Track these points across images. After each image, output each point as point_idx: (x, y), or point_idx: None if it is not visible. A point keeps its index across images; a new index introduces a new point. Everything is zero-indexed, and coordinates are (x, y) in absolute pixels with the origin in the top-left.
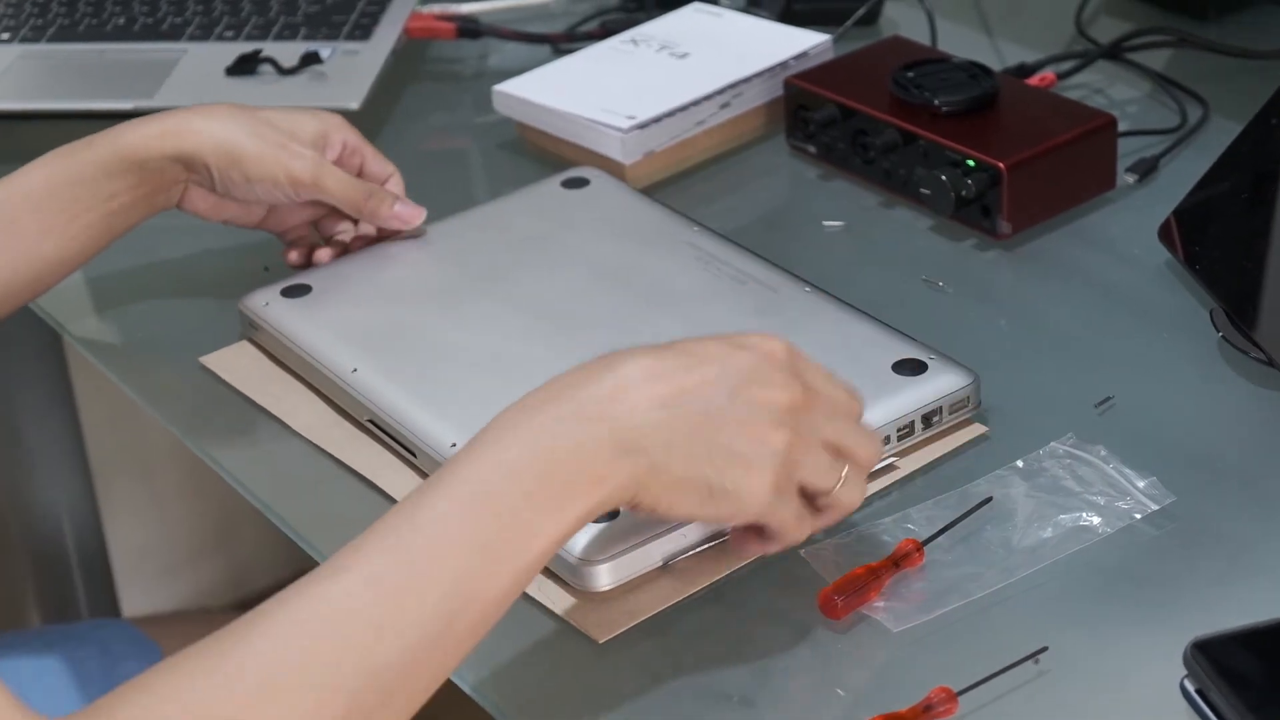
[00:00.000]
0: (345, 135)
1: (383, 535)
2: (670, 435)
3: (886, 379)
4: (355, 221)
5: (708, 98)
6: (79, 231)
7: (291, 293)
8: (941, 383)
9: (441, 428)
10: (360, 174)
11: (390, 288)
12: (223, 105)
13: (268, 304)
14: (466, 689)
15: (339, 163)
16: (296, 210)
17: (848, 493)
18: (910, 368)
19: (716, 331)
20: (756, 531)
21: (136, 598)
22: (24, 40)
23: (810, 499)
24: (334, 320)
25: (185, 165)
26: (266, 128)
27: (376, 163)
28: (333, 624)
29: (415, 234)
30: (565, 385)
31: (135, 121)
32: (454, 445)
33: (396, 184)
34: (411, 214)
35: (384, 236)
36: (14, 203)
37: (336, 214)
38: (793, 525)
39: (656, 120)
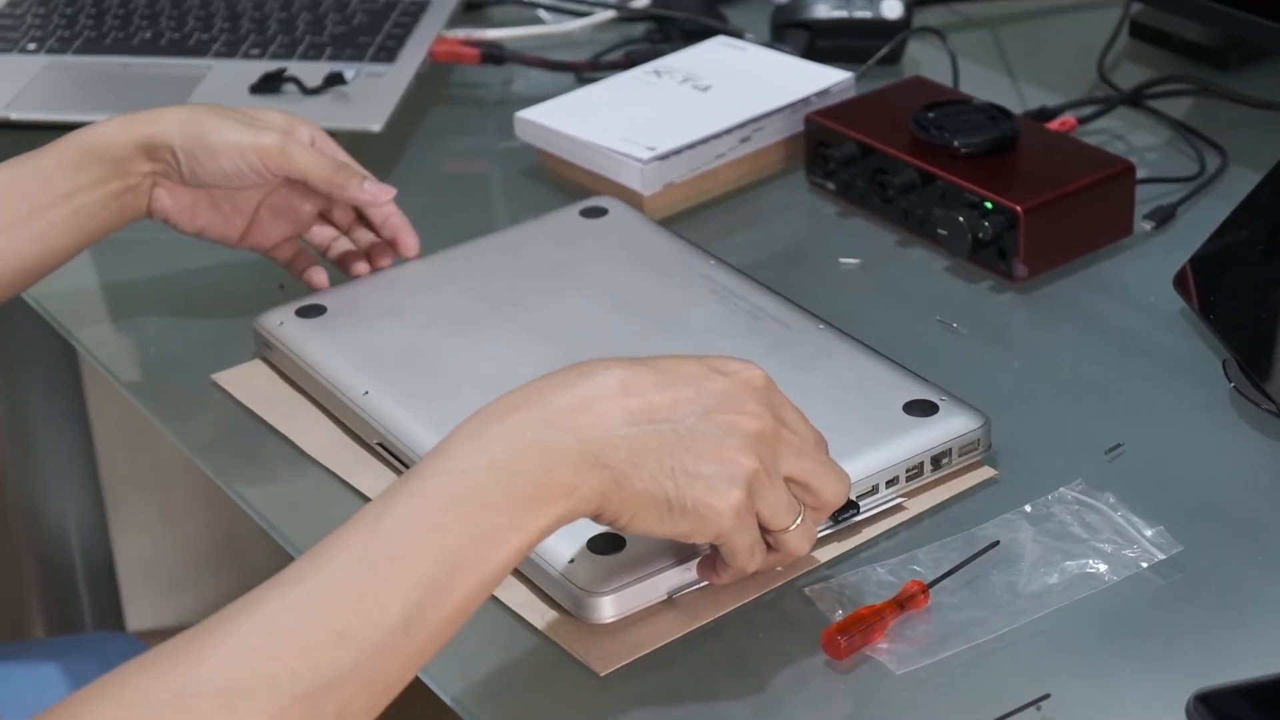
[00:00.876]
0: (314, 131)
1: (347, 542)
2: (638, 450)
3: (897, 419)
4: (343, 233)
5: (728, 131)
6: (41, 231)
7: (306, 313)
8: (952, 425)
9: None
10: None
11: (406, 311)
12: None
13: (282, 323)
14: (467, 719)
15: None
16: (275, 223)
17: (797, 538)
18: (921, 409)
19: None
20: (711, 560)
21: (142, 611)
22: (50, 51)
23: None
24: (348, 342)
25: (149, 154)
26: (232, 112)
27: (339, 162)
28: (293, 632)
29: (408, 258)
30: (536, 392)
31: (100, 120)
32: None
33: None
34: (380, 191)
35: (371, 252)
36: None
37: (320, 225)
38: (745, 553)
39: (677, 152)
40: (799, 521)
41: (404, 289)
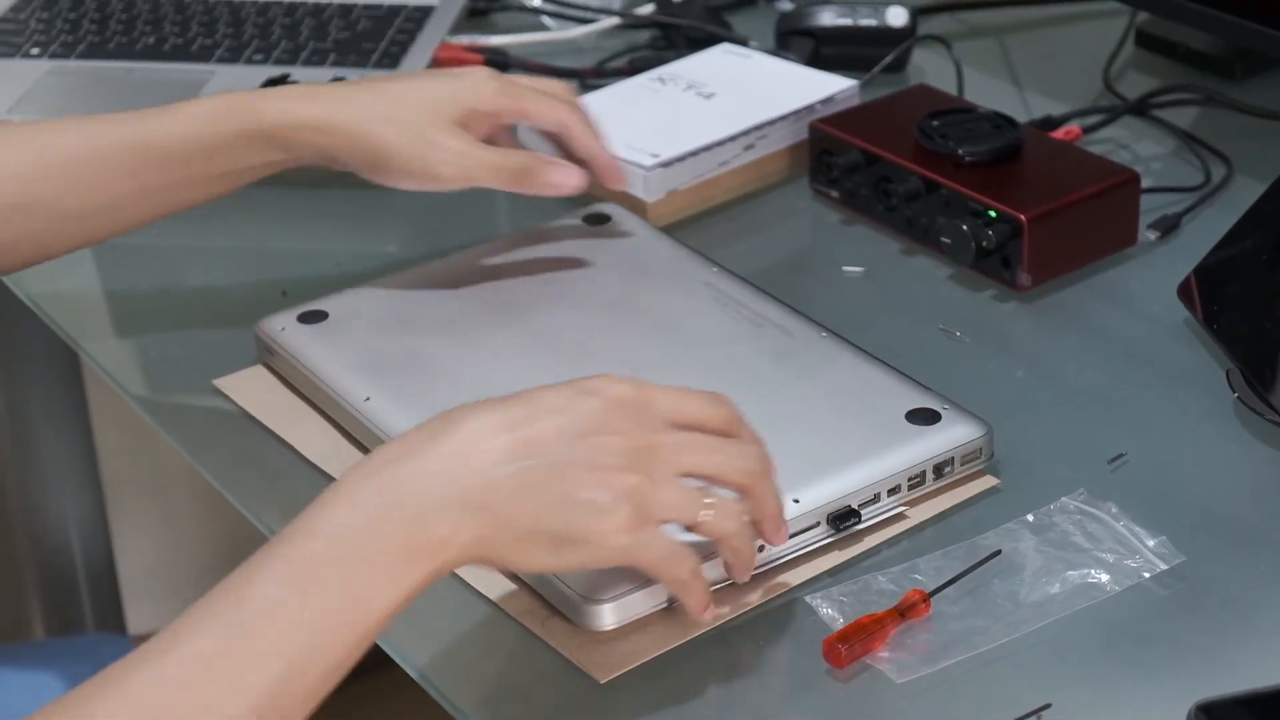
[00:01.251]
0: (495, 101)
1: (214, 611)
2: (516, 489)
3: (900, 428)
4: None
5: (732, 138)
6: (196, 197)
7: (308, 319)
8: (954, 433)
9: None
10: (528, 121)
11: (408, 317)
12: (363, 88)
13: (284, 329)
14: None
15: (491, 136)
16: None
17: (718, 521)
18: (924, 417)
19: (731, 373)
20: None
21: (143, 615)
22: (53, 56)
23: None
24: (350, 348)
25: (328, 159)
26: (408, 122)
27: (536, 103)
28: (160, 709)
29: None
30: (404, 445)
31: (280, 99)
32: None
33: (566, 112)
34: (569, 179)
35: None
36: (142, 158)
37: None
38: (665, 563)
39: (680, 159)
40: (710, 510)
41: (407, 295)
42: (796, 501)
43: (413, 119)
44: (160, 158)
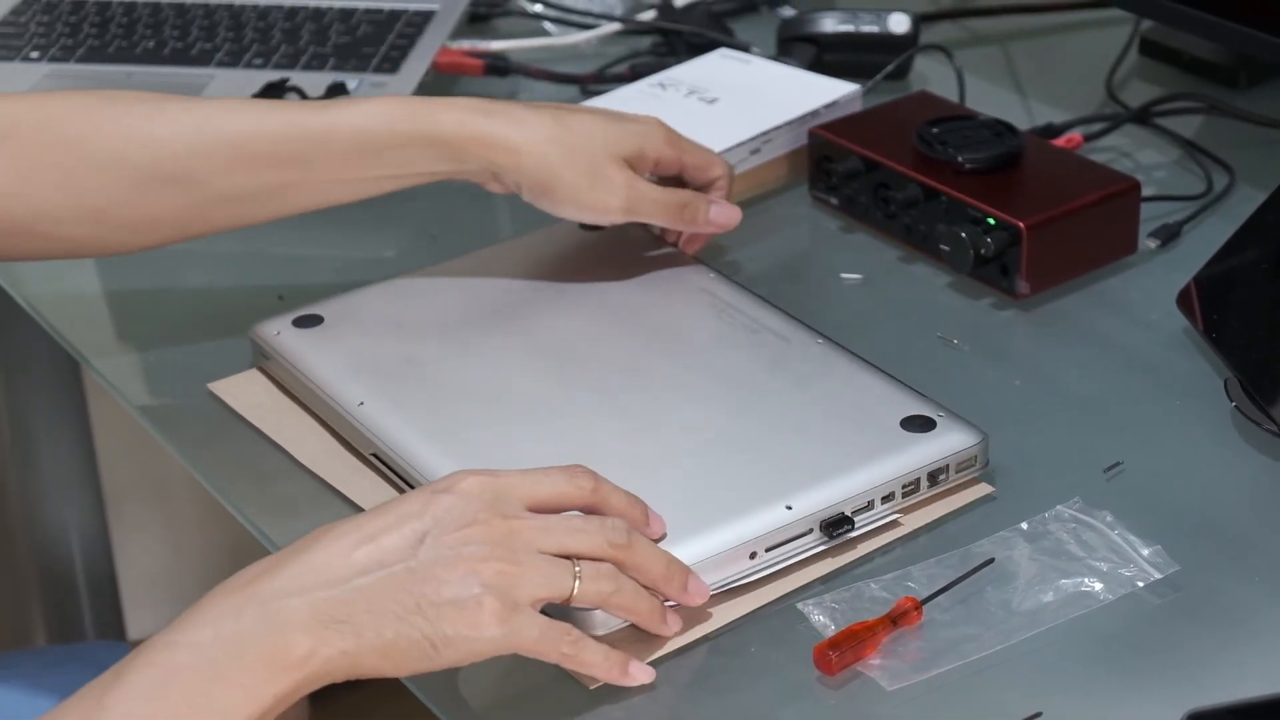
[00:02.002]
0: (661, 150)
1: (73, 716)
2: (375, 600)
3: (895, 435)
4: None
5: (739, 144)
6: (359, 189)
7: (303, 323)
8: (949, 441)
9: (445, 464)
10: (681, 174)
11: (403, 321)
12: (541, 112)
13: (279, 333)
14: None
15: (655, 173)
16: None
17: (592, 586)
18: (918, 424)
19: (727, 380)
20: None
21: (143, 622)
22: (53, 59)
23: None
24: (344, 352)
25: (494, 177)
26: (581, 151)
27: (695, 157)
28: None
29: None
30: (270, 562)
31: (458, 109)
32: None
33: (719, 170)
34: (727, 217)
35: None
36: (307, 148)
37: None
38: (543, 644)
39: None
40: (577, 579)
41: (402, 300)
42: (789, 509)
43: (586, 150)
44: (326, 151)
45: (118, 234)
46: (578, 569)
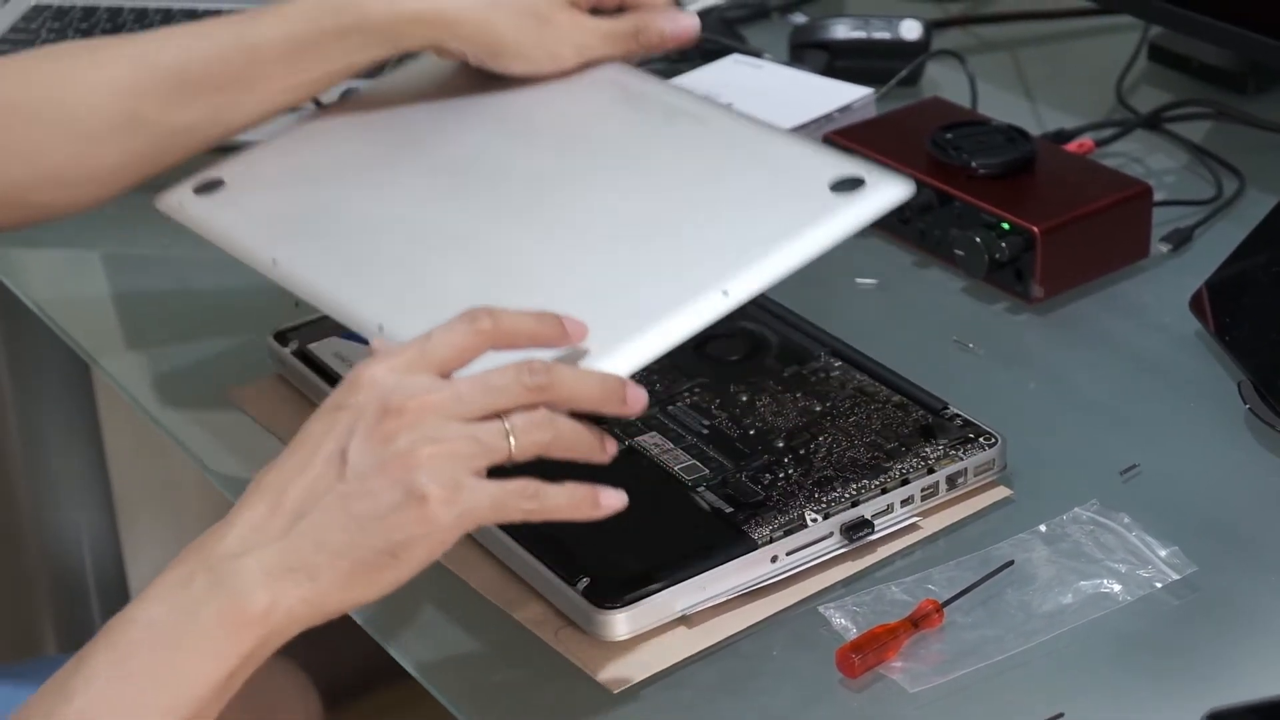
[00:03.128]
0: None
1: (42, 705)
2: (320, 536)
3: (825, 198)
4: None
5: None
6: (304, 91)
7: (205, 189)
8: (884, 196)
9: (368, 309)
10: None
11: (305, 170)
12: None
13: (182, 204)
14: None
15: (597, 5)
16: None
17: (528, 437)
18: (849, 185)
19: (643, 172)
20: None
21: None
22: None
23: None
24: (250, 212)
25: (438, 49)
26: (518, 5)
27: None
28: None
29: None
30: (214, 531)
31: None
32: (380, 328)
33: None
34: (683, 26)
35: None
36: (241, 64)
37: None
38: (502, 509)
39: None
40: (510, 436)
41: (302, 149)
42: (726, 294)
43: (523, 2)
44: (261, 65)
45: (85, 189)
46: (508, 425)
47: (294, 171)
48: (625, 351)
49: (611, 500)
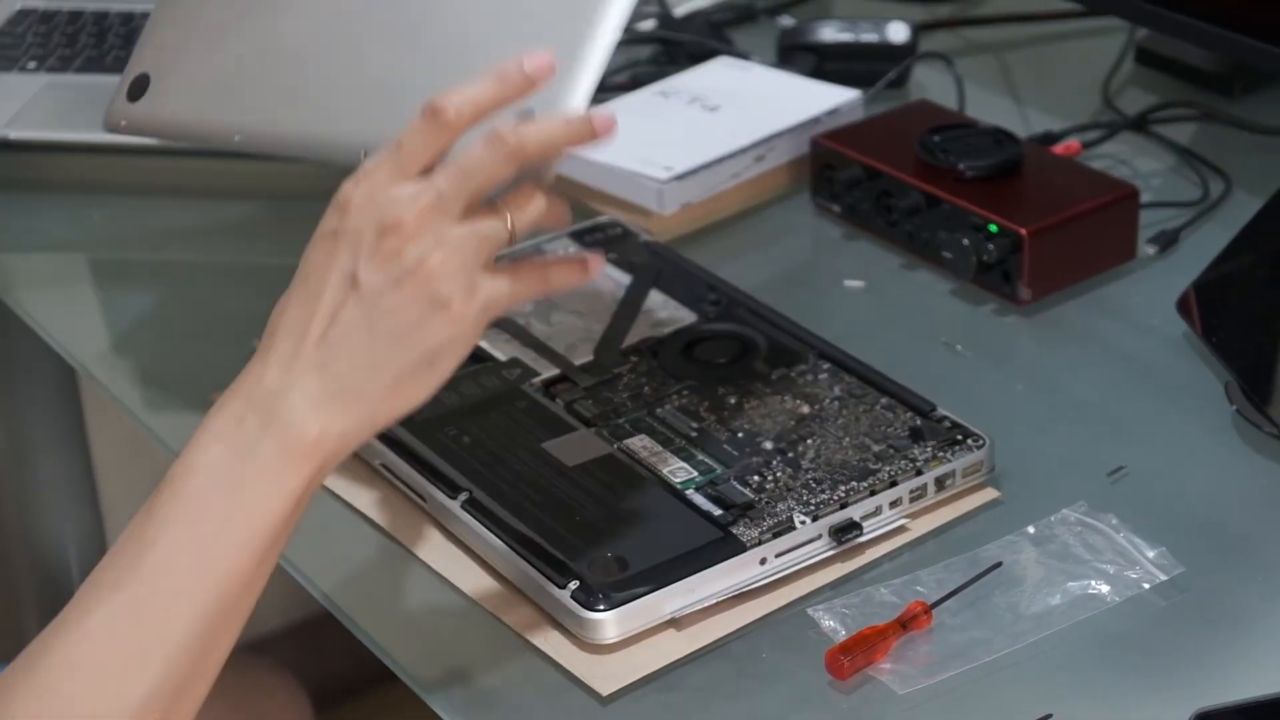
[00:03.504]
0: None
1: (119, 565)
2: (356, 358)
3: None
4: None
5: (743, 150)
6: None
7: (136, 93)
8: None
9: (345, 138)
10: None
11: (212, 28)
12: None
13: (123, 118)
14: None
15: None
16: None
17: (524, 214)
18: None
19: None
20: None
21: None
22: (50, 70)
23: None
24: (188, 94)
25: None
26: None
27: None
28: (95, 666)
29: None
30: (250, 376)
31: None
32: (364, 153)
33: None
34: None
35: None
36: None
37: None
38: (520, 290)
39: (694, 172)
40: (506, 217)
41: (198, 9)
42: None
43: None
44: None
45: None
46: (501, 209)
47: (203, 35)
48: (571, 86)
49: (596, 267)
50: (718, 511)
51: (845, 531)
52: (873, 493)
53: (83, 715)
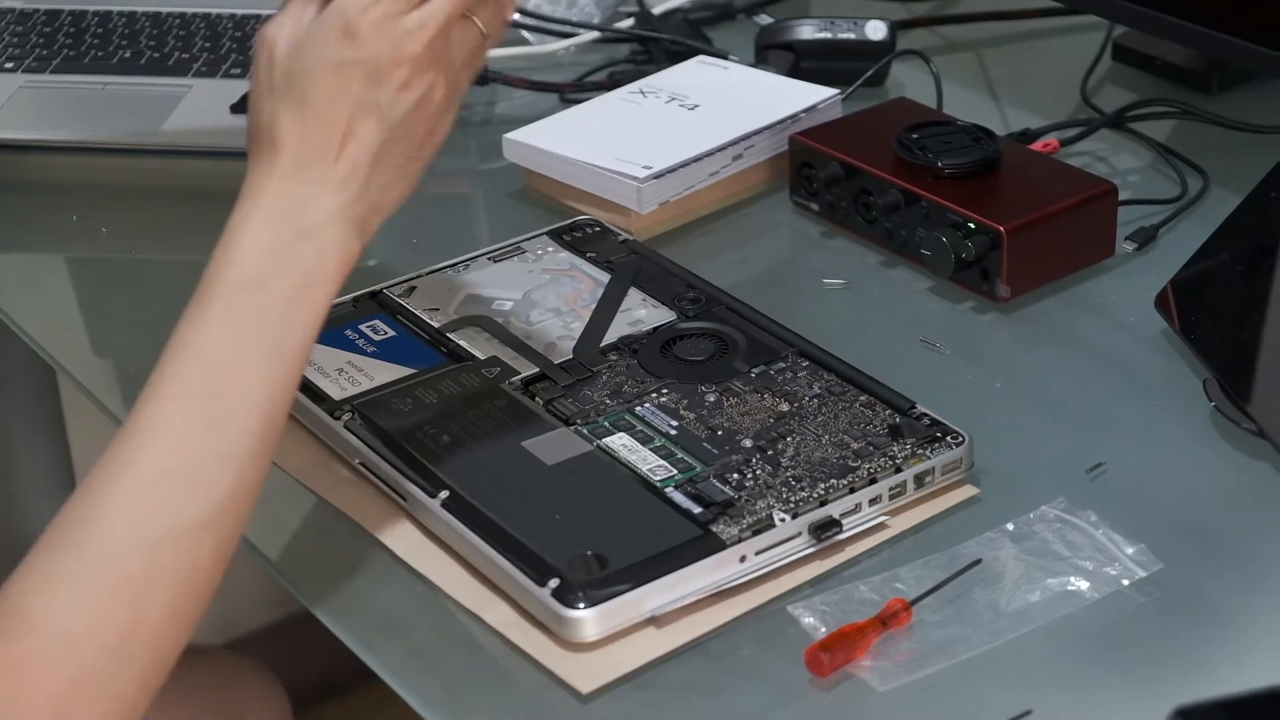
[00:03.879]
0: None
1: (181, 381)
2: (384, 176)
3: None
4: None
5: (722, 148)
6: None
7: None
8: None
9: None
10: None
11: None
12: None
13: None
14: None
15: None
16: None
17: (491, 21)
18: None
19: None
20: None
21: None
22: (28, 70)
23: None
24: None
25: None
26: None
27: None
28: (179, 472)
29: None
30: (281, 204)
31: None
32: None
33: None
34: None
35: None
36: None
37: None
38: (476, 63)
39: (672, 170)
40: (475, 21)
41: None
42: None
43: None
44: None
45: None
46: (484, 31)
47: None
48: None
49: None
50: (697, 509)
51: (825, 529)
52: (852, 490)
53: (176, 518)
